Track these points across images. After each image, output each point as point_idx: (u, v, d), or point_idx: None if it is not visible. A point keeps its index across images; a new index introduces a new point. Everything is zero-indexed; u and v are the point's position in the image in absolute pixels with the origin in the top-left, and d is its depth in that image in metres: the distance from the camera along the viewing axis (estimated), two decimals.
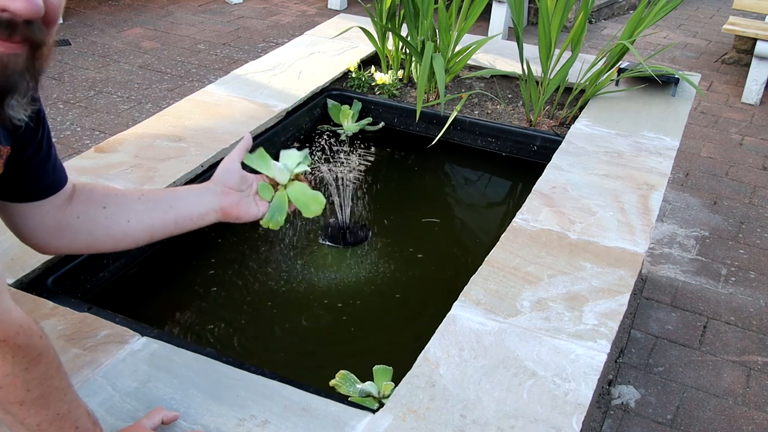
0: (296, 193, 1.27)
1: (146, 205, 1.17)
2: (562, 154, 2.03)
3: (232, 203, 1.21)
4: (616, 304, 1.44)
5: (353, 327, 1.69)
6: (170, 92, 4.19)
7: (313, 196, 1.26)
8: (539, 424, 1.15)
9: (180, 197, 1.19)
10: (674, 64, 5.11)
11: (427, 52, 2.18)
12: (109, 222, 1.15)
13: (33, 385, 0.89)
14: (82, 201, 1.14)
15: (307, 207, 1.26)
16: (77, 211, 1.13)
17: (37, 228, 1.11)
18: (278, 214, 1.25)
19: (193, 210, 1.19)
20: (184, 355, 1.27)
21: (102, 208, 1.15)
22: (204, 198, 1.20)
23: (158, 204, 1.18)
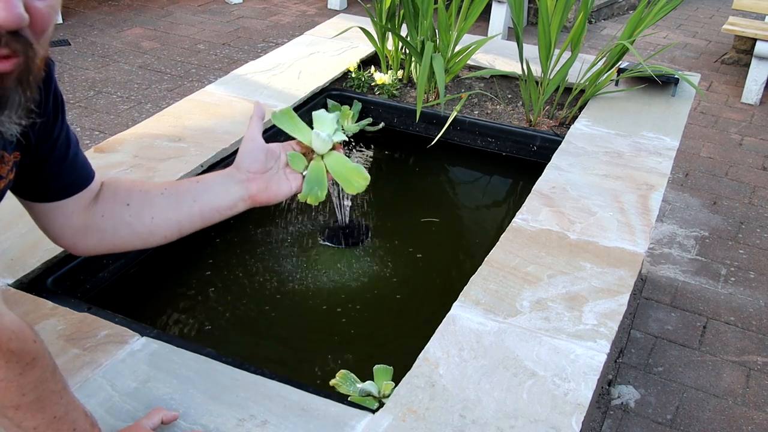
0: (336, 165, 1.12)
1: (169, 200, 1.11)
2: (561, 154, 2.03)
3: (260, 189, 1.12)
4: (615, 304, 1.44)
5: (353, 327, 1.69)
6: (170, 92, 4.19)
7: (355, 169, 1.12)
8: (539, 424, 1.15)
9: (204, 188, 1.11)
10: (674, 64, 5.11)
11: (427, 52, 2.18)
12: (134, 220, 1.11)
13: (28, 389, 0.88)
14: (107, 199, 1.12)
15: (349, 182, 1.12)
16: (102, 210, 1.11)
17: (64, 228, 1.09)
18: (318, 188, 1.12)
19: (220, 202, 1.11)
20: (184, 356, 1.27)
21: (125, 205, 1.11)
22: (229, 188, 1.11)
23: (181, 198, 1.11)
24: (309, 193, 1.12)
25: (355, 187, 1.13)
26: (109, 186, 1.14)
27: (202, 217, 1.12)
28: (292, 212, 2.06)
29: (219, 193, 1.11)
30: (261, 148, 1.11)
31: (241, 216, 1.15)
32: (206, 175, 1.14)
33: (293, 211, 2.06)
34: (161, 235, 1.13)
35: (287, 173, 1.14)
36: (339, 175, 1.13)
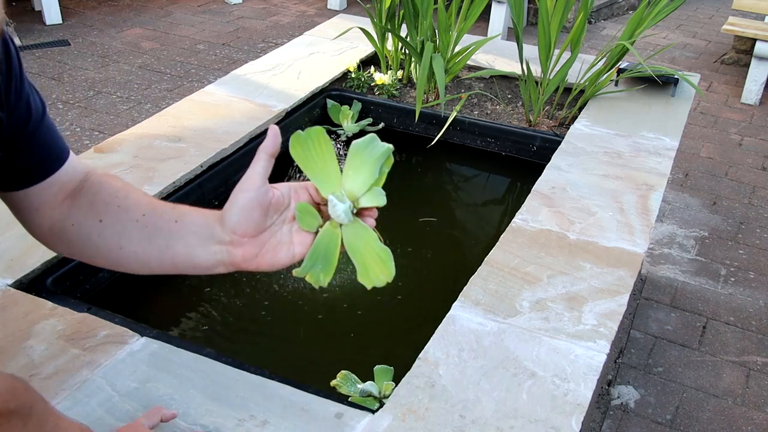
0: (356, 241, 0.80)
1: (141, 233, 0.87)
2: (561, 154, 2.03)
3: (248, 257, 0.81)
4: (615, 304, 1.44)
5: (353, 327, 1.69)
6: (170, 92, 4.19)
7: (379, 255, 0.80)
8: (539, 424, 1.15)
9: (180, 234, 0.85)
10: (674, 65, 5.12)
11: (427, 52, 2.18)
12: (102, 242, 0.89)
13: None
14: (83, 205, 0.90)
15: (366, 269, 0.80)
16: (74, 218, 0.90)
17: (34, 226, 0.92)
18: (321, 266, 0.80)
19: (195, 257, 0.84)
20: (184, 356, 1.27)
21: (98, 221, 0.89)
22: (207, 245, 0.82)
23: (154, 235, 0.86)
24: (309, 270, 0.81)
25: (371, 280, 0.80)
26: (92, 188, 0.92)
27: (175, 266, 0.86)
28: None
29: (195, 246, 0.83)
30: (259, 204, 0.79)
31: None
32: (190, 212, 0.85)
33: None
34: (129, 267, 0.90)
35: (293, 231, 0.81)
36: (356, 256, 0.80)
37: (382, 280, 0.80)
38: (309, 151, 0.79)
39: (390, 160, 0.77)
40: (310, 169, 0.80)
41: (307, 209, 0.80)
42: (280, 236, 0.81)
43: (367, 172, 0.78)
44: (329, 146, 0.77)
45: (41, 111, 0.90)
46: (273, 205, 0.80)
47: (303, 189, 0.82)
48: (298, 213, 0.80)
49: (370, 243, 0.81)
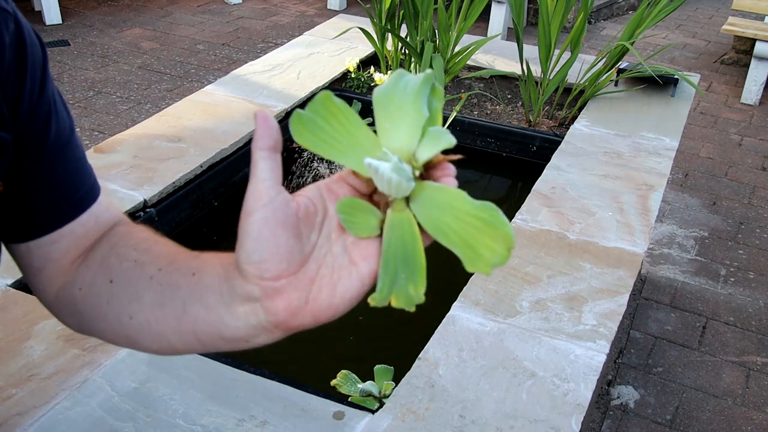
0: (439, 215, 0.52)
1: (155, 295, 0.59)
2: (561, 154, 2.03)
3: (294, 307, 0.52)
4: (615, 304, 1.44)
5: (354, 327, 1.69)
6: (169, 93, 4.19)
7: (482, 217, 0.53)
8: (538, 424, 1.15)
9: (198, 293, 0.56)
10: (673, 65, 5.12)
11: (427, 52, 2.18)
12: (110, 310, 0.62)
13: None
14: (94, 262, 0.65)
15: (471, 248, 0.53)
16: (81, 280, 0.65)
17: (38, 291, 0.71)
18: (406, 275, 0.54)
19: (222, 326, 0.54)
20: (183, 356, 1.27)
21: (108, 282, 0.63)
22: (233, 307, 0.53)
23: (169, 297, 0.58)
24: (390, 290, 0.54)
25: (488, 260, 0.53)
26: (110, 241, 0.67)
27: (199, 340, 0.57)
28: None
29: (216, 309, 0.54)
30: (280, 224, 0.49)
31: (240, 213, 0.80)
32: (210, 260, 0.57)
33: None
34: (144, 345, 0.62)
35: (349, 245, 0.52)
36: (450, 236, 0.52)
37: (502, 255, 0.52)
38: (322, 127, 0.52)
39: (438, 90, 0.50)
40: (331, 149, 0.52)
41: (354, 205, 0.51)
42: (333, 259, 0.52)
43: (411, 114, 0.51)
44: (347, 111, 0.52)
45: (67, 134, 0.66)
46: (304, 219, 0.51)
47: (339, 182, 0.53)
48: (343, 215, 0.51)
49: (462, 207, 0.52)
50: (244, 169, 2.07)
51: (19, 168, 0.62)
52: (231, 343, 0.56)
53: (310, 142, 0.51)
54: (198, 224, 1.87)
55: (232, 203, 2.00)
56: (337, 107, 0.52)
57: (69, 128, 0.66)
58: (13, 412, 1.12)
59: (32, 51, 0.61)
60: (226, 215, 1.97)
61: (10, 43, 0.58)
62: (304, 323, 0.52)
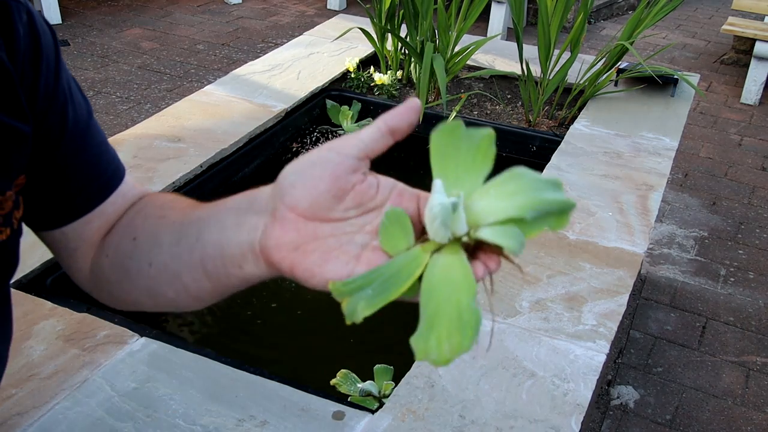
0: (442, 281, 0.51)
1: (172, 234, 0.61)
2: (561, 154, 2.03)
3: (282, 243, 0.51)
4: (615, 304, 1.44)
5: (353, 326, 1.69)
6: (169, 93, 4.19)
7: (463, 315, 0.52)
8: (538, 424, 1.15)
9: (216, 217, 0.58)
10: (673, 65, 5.12)
11: (427, 52, 2.18)
12: (133, 264, 0.64)
13: None
14: (119, 228, 0.67)
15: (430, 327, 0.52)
16: (108, 247, 0.67)
17: (74, 271, 0.71)
18: (373, 293, 0.53)
19: (226, 243, 0.55)
20: (183, 356, 1.27)
21: (132, 239, 0.65)
22: (244, 220, 0.54)
23: (186, 231, 0.60)
24: (352, 292, 0.52)
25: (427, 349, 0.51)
26: (134, 208, 0.69)
27: (206, 272, 0.58)
28: None
29: (229, 226, 0.55)
30: (336, 175, 0.50)
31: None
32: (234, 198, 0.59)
33: None
34: (165, 295, 0.63)
35: (367, 246, 0.52)
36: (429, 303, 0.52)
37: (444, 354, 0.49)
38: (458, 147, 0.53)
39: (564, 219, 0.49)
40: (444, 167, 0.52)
41: (401, 219, 0.50)
42: (347, 243, 0.51)
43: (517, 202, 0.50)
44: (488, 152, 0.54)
45: (85, 119, 0.65)
46: (356, 193, 0.50)
47: (412, 196, 0.53)
48: (385, 222, 0.50)
49: (460, 293, 0.51)
50: (244, 169, 2.07)
51: (42, 159, 0.62)
52: (229, 268, 0.56)
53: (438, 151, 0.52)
54: None
55: None
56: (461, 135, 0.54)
57: (87, 113, 0.66)
58: (13, 412, 1.12)
59: (45, 40, 0.61)
60: None
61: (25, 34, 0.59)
62: (282, 265, 0.52)
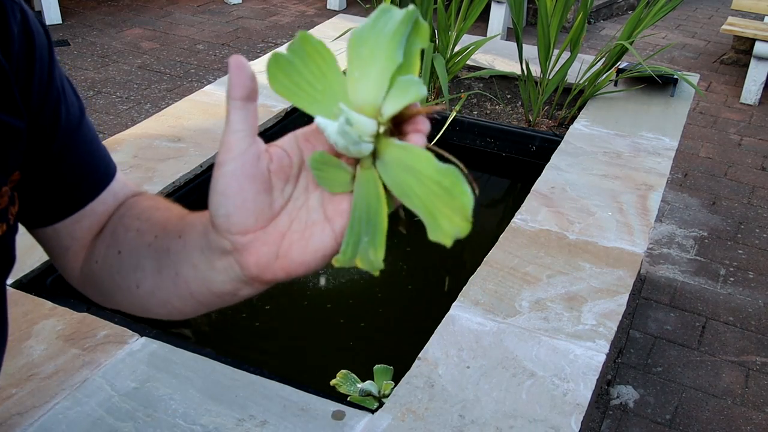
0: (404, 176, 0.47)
1: (153, 261, 0.61)
2: (560, 154, 2.03)
3: (263, 262, 0.50)
4: (614, 304, 1.44)
5: (353, 327, 1.69)
6: (169, 93, 4.19)
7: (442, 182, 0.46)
8: (538, 424, 1.15)
9: (186, 254, 0.58)
10: (673, 65, 5.12)
11: (428, 52, 2.19)
12: (121, 281, 0.65)
13: None
14: (107, 235, 0.67)
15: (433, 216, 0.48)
16: (97, 253, 0.67)
17: (66, 270, 0.71)
18: (369, 237, 0.50)
19: (209, 282, 0.56)
20: (183, 355, 1.27)
21: (117, 253, 0.65)
22: (214, 262, 0.54)
23: (164, 262, 0.60)
24: (353, 249, 0.50)
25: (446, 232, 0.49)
26: (119, 213, 0.69)
27: (196, 299, 0.58)
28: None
29: (201, 266, 0.56)
30: (249, 177, 0.48)
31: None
32: (193, 221, 0.58)
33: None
34: (155, 311, 0.65)
35: (325, 199, 0.51)
36: (414, 199, 0.48)
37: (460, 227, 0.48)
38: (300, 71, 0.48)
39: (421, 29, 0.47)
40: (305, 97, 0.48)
41: (326, 160, 0.48)
42: (307, 214, 0.51)
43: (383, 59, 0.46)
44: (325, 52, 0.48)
45: (77, 117, 0.66)
46: (276, 172, 0.49)
47: (316, 132, 0.51)
48: (315, 171, 0.49)
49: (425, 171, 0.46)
50: None
51: (36, 155, 0.62)
52: (223, 298, 0.57)
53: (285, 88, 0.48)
54: None
55: None
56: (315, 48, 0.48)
57: (79, 110, 0.67)
58: (13, 412, 1.12)
59: (39, 39, 0.62)
60: None
61: (19, 33, 0.59)
62: (277, 277, 0.51)
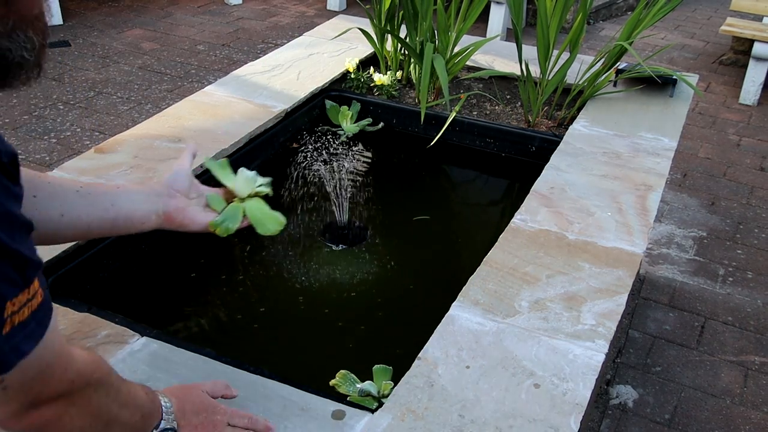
0: (253, 209, 1.20)
1: (85, 200, 1.03)
2: (560, 154, 2.04)
3: (178, 208, 1.14)
4: (614, 304, 1.45)
5: (352, 327, 1.70)
6: (170, 93, 4.19)
7: (271, 215, 1.21)
8: (537, 423, 1.16)
9: (123, 195, 1.08)
10: (672, 65, 5.12)
11: (428, 52, 2.19)
12: (40, 215, 0.99)
13: (122, 401, 0.93)
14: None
15: (262, 224, 1.20)
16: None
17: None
18: (229, 222, 1.18)
19: (135, 211, 1.09)
20: (184, 355, 1.27)
21: (32, 197, 0.98)
22: (149, 199, 1.11)
23: (99, 200, 1.05)
24: (221, 224, 1.17)
25: (267, 230, 1.20)
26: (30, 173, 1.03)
27: (114, 225, 1.07)
28: (291, 214, 2.06)
29: (138, 201, 1.10)
30: (187, 175, 1.17)
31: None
32: (128, 184, 1.11)
33: (292, 212, 2.07)
34: (65, 236, 1.05)
35: (204, 209, 1.18)
36: (254, 217, 1.20)
37: (274, 230, 1.21)
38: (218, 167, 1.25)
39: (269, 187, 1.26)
40: (219, 174, 1.24)
41: (216, 197, 1.21)
42: (198, 209, 1.18)
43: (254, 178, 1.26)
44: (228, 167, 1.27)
45: None
46: (194, 185, 1.18)
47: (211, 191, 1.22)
48: (209, 198, 1.20)
49: (262, 208, 1.22)
50: None
51: None
52: (134, 224, 1.11)
53: (212, 167, 1.25)
54: None
55: None
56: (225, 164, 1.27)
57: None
58: None
59: None
60: None
61: None
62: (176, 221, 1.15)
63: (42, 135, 3.63)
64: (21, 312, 0.72)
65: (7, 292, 0.70)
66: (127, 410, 0.94)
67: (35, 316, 0.75)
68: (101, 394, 0.89)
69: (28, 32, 0.75)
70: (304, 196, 2.10)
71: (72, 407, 0.84)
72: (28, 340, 0.74)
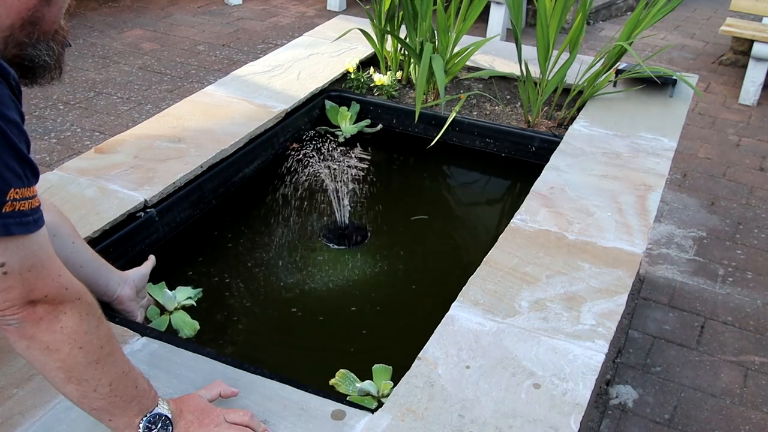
0: (176, 319, 1.58)
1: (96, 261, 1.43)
2: (560, 154, 2.04)
3: (130, 296, 1.48)
4: (613, 304, 1.45)
5: (352, 327, 1.70)
6: (170, 93, 4.19)
7: (189, 323, 1.58)
8: (537, 423, 1.16)
9: (97, 264, 1.42)
10: (672, 66, 5.13)
11: (426, 53, 2.19)
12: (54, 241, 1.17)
13: (104, 341, 0.97)
14: None
15: (182, 329, 1.57)
16: None
17: None
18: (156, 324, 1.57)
19: (100, 282, 1.41)
20: (184, 355, 1.27)
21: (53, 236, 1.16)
22: (112, 278, 1.45)
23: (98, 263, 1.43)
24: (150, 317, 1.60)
25: (185, 333, 1.57)
26: None
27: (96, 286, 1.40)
28: (291, 214, 2.06)
29: (103, 275, 1.44)
30: (144, 279, 1.55)
31: (239, 216, 1.10)
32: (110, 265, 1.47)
33: (292, 212, 2.07)
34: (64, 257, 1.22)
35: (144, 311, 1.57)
36: (176, 325, 1.58)
37: (190, 333, 1.58)
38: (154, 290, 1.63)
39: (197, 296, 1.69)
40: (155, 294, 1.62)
41: (155, 310, 1.61)
42: (139, 308, 1.53)
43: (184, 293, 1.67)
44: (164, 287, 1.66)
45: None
46: (144, 290, 1.57)
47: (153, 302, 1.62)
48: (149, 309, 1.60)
49: (184, 318, 1.60)
50: (244, 170, 2.07)
51: None
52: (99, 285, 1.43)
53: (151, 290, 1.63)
54: (198, 224, 1.88)
55: (231, 203, 2.00)
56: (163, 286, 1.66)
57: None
58: (15, 412, 1.13)
59: None
60: (226, 215, 1.97)
61: None
62: (119, 305, 1.50)
63: (42, 135, 3.63)
64: (21, 203, 0.84)
65: (12, 181, 0.82)
66: (115, 363, 0.98)
67: (33, 213, 0.86)
68: (91, 323, 0.95)
69: (49, 42, 0.93)
70: (303, 197, 2.10)
71: (63, 316, 0.92)
72: (20, 227, 0.84)
